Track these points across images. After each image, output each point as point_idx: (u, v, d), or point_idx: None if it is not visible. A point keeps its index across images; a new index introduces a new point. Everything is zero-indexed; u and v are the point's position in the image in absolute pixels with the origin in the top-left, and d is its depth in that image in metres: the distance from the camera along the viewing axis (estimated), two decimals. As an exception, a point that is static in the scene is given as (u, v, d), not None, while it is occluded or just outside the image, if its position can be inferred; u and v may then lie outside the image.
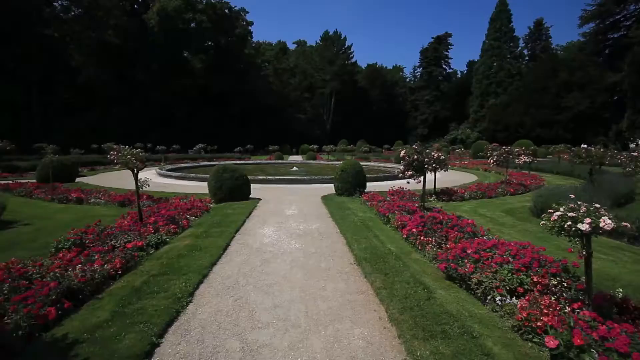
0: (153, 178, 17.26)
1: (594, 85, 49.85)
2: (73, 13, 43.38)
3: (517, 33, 62.23)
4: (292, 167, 22.77)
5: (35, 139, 33.99)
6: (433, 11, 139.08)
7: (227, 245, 5.60)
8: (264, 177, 14.70)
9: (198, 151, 36.17)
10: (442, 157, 6.87)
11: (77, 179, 16.79)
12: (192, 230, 6.56)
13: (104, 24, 43.79)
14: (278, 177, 14.64)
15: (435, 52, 71.46)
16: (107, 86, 43.89)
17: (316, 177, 14.80)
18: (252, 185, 12.32)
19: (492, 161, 12.79)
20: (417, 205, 7.90)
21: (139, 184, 6.58)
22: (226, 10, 52.63)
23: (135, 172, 6.73)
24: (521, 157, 12.97)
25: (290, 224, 7.10)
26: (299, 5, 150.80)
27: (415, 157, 6.50)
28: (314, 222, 7.33)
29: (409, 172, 6.77)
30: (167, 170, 18.95)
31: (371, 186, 11.61)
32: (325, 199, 10.28)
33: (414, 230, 5.64)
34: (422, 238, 5.35)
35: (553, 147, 31.85)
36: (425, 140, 68.13)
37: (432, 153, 6.68)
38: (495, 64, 61.77)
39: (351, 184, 10.45)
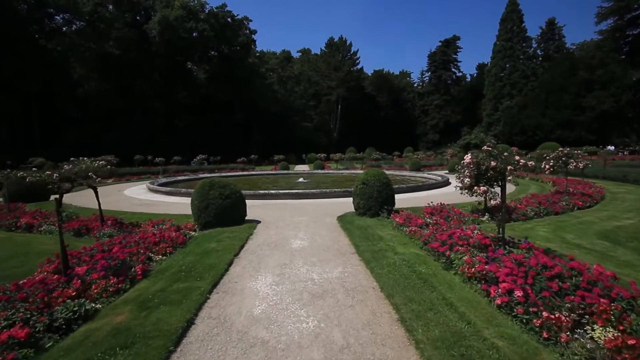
0: (141, 194, 15.12)
1: (617, 83, 47.09)
2: (75, 26, 42.48)
3: (528, 34, 59.91)
4: (299, 178, 20.43)
5: (35, 152, 32.56)
6: (437, 16, 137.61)
7: (189, 324, 3.20)
8: (265, 191, 12.34)
9: (200, 162, 34.04)
10: (525, 161, 4.45)
11: (52, 196, 14.68)
12: (145, 284, 4.18)
13: (105, 36, 42.73)
14: (282, 192, 12.27)
15: (444, 55, 69.33)
16: (108, 98, 42.59)
17: (327, 191, 12.40)
18: (251, 202, 9.98)
19: (547, 167, 10.25)
20: (477, 230, 5.41)
21: (61, 212, 4.25)
22: (229, 19, 51.34)
23: (59, 195, 4.47)
24: (579, 162, 10.47)
25: (298, 269, 4.68)
26: (303, 15, 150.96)
27: (493, 163, 4.09)
28: (334, 263, 4.90)
29: (482, 188, 4.33)
30: (158, 184, 16.77)
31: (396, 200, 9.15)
32: (343, 220, 7.86)
33: (518, 293, 3.17)
34: (544, 315, 2.86)
35: (585, 148, 29.03)
36: (436, 146, 65.56)
37: (517, 157, 4.27)
38: (508, 65, 59.39)
39: (376, 200, 8.01)
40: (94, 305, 3.64)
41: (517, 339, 2.73)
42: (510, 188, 15.21)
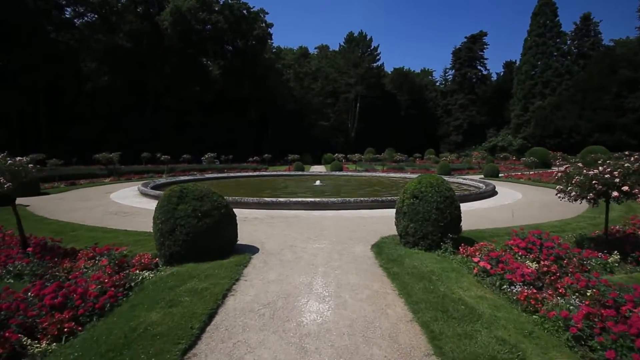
0: (128, 198, 12.74)
1: (664, 82, 42.43)
2: (85, 18, 41.16)
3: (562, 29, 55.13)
4: (315, 181, 17.69)
5: (42, 148, 31.12)
6: (459, 12, 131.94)
7: None
8: (272, 199, 9.65)
9: (211, 160, 31.66)
10: None
11: (27, 199, 12.33)
12: None
13: (117, 28, 41.25)
14: (294, 200, 9.56)
15: (470, 52, 65.29)
16: (118, 92, 41.10)
17: (352, 201, 9.61)
18: (253, 213, 7.44)
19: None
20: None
21: None
22: (244, 11, 49.20)
23: None
24: None
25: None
26: (320, 11, 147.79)
27: None
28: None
29: None
30: (151, 187, 14.35)
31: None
32: (384, 255, 5.12)
33: None
34: None
35: (637, 155, 25.22)
36: (460, 148, 61.61)
37: None
38: (540, 62, 54.76)
39: (435, 224, 5.16)
40: None
41: None
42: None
